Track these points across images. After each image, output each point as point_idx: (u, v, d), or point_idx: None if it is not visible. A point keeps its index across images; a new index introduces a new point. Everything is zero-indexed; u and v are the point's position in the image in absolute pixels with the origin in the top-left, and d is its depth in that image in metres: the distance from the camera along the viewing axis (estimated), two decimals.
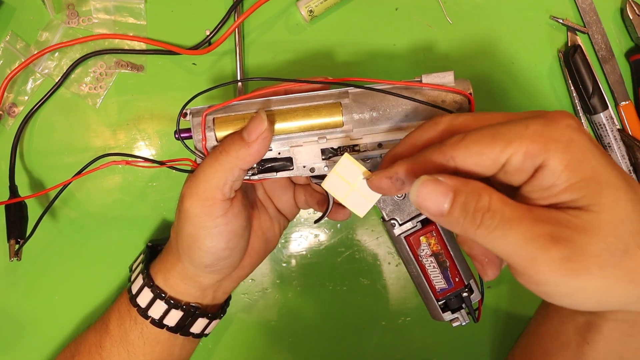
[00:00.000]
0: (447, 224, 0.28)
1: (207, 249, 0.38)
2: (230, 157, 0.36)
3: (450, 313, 0.41)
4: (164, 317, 0.42)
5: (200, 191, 0.36)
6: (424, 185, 0.27)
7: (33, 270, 0.51)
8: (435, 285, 0.40)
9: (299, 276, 0.54)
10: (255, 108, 0.38)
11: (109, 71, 0.50)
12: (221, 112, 0.38)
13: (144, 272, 0.43)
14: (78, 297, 0.52)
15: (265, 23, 0.51)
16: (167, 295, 0.42)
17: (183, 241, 0.39)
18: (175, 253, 0.41)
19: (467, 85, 0.38)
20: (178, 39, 0.50)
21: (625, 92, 0.52)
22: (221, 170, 0.36)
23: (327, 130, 0.38)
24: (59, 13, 0.49)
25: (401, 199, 0.40)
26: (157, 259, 0.44)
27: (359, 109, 0.38)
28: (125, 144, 0.51)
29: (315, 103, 0.38)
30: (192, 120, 0.38)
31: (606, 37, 0.52)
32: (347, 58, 0.52)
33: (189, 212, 0.37)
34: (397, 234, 0.40)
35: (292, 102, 0.38)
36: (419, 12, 0.52)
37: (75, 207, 0.51)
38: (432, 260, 0.40)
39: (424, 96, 0.38)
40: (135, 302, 0.42)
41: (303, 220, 0.53)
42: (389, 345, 0.55)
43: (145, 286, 0.42)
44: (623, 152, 0.52)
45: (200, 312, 0.43)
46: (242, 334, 0.53)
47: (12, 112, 0.50)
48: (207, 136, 0.38)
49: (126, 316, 0.43)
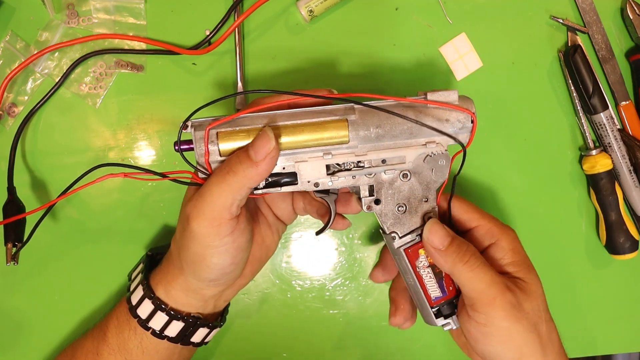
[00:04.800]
0: (441, 256, 0.38)
1: (214, 266, 0.38)
2: (238, 177, 0.36)
3: (443, 318, 0.42)
4: (165, 328, 0.42)
5: (208, 211, 0.36)
6: (435, 224, 0.39)
7: (33, 271, 0.51)
8: (430, 294, 0.41)
9: (299, 276, 0.54)
10: (260, 122, 0.38)
11: (108, 71, 0.50)
12: (225, 126, 0.38)
13: (144, 283, 0.42)
14: (78, 298, 0.52)
15: (265, 23, 0.51)
16: (169, 307, 0.41)
17: (188, 258, 0.39)
18: (177, 266, 0.41)
19: (470, 105, 0.39)
20: (178, 38, 0.50)
21: (626, 92, 0.52)
22: (229, 190, 0.36)
23: (332, 146, 0.38)
24: (58, 13, 0.49)
25: (402, 213, 0.40)
26: (157, 269, 0.44)
27: (365, 125, 0.38)
28: (125, 144, 0.51)
29: (321, 119, 0.38)
30: (195, 134, 0.37)
31: (606, 37, 0.52)
32: (347, 58, 0.52)
33: (196, 232, 0.36)
34: (396, 246, 0.41)
35: (298, 117, 0.38)
36: (419, 12, 0.52)
37: (76, 208, 0.51)
38: (429, 270, 0.41)
39: (428, 114, 0.39)
40: (135, 313, 0.42)
41: (303, 221, 0.53)
42: (389, 345, 0.55)
43: (146, 297, 0.42)
44: (623, 152, 0.52)
45: (202, 322, 0.43)
46: (242, 335, 0.53)
47: (12, 112, 0.50)
48: (210, 150, 0.37)
49: (125, 325, 0.43)
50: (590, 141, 0.53)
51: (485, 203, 0.54)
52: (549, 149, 0.54)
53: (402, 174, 0.40)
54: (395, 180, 0.40)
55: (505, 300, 0.37)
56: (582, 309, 0.56)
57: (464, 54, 0.52)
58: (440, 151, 0.40)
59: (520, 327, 0.37)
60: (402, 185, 0.40)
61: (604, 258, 0.55)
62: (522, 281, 0.39)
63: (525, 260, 0.40)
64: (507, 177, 0.54)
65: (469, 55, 0.52)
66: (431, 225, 0.39)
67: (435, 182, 0.40)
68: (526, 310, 0.38)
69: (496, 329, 0.37)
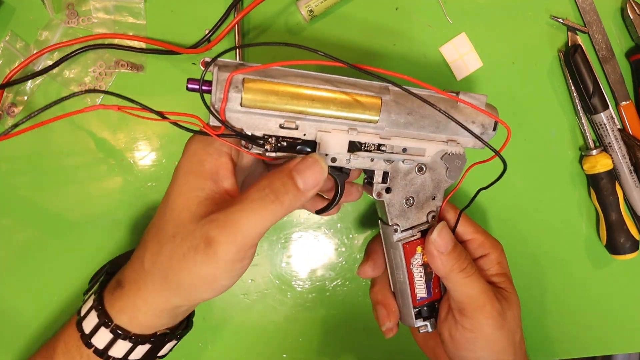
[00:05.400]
0: (443, 261, 0.39)
1: (220, 288, 0.35)
2: (283, 207, 0.32)
3: (422, 320, 0.42)
4: (129, 354, 0.37)
5: (240, 239, 0.32)
6: (445, 228, 0.40)
7: (33, 272, 0.51)
8: (417, 294, 0.41)
9: (299, 276, 0.53)
10: (293, 80, 0.34)
11: (108, 71, 0.50)
12: (254, 74, 0.34)
13: (98, 309, 0.36)
14: (78, 299, 0.51)
15: (265, 23, 0.51)
16: (132, 334, 0.36)
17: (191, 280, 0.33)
18: (152, 290, 0.35)
19: (496, 112, 0.40)
20: (178, 38, 0.50)
21: (626, 91, 0.52)
22: (269, 219, 0.32)
23: (360, 122, 0.37)
24: (58, 13, 0.49)
25: (408, 206, 0.40)
26: (117, 292, 0.37)
27: (398, 109, 0.37)
28: (125, 144, 0.51)
29: (357, 91, 0.36)
30: (217, 75, 0.33)
31: (606, 36, 0.52)
32: (347, 58, 0.51)
33: (220, 257, 0.32)
34: (395, 239, 0.40)
35: (333, 83, 0.36)
36: (419, 12, 0.52)
37: (75, 207, 0.51)
38: (421, 269, 0.41)
39: (458, 111, 0.39)
40: (88, 342, 0.36)
41: (303, 221, 0.53)
42: (389, 345, 0.55)
43: (102, 326, 0.36)
44: (623, 152, 0.52)
45: (169, 338, 0.39)
46: (242, 335, 0.53)
47: (12, 112, 0.50)
48: (231, 97, 0.33)
49: (75, 353, 0.37)
50: (590, 141, 0.53)
51: (485, 203, 0.54)
52: (549, 149, 0.54)
53: (418, 167, 0.39)
54: (411, 172, 0.39)
55: (493, 308, 0.39)
56: (582, 309, 0.56)
57: (464, 54, 0.52)
58: (458, 151, 0.40)
59: (502, 335, 0.40)
60: (416, 178, 0.40)
61: (604, 258, 0.55)
62: (505, 291, 0.42)
63: (508, 273, 0.44)
64: (507, 177, 0.54)
65: (469, 55, 0.52)
66: (442, 228, 0.40)
67: (446, 182, 0.40)
68: (508, 319, 0.40)
69: (481, 335, 0.39)
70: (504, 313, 0.40)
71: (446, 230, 0.40)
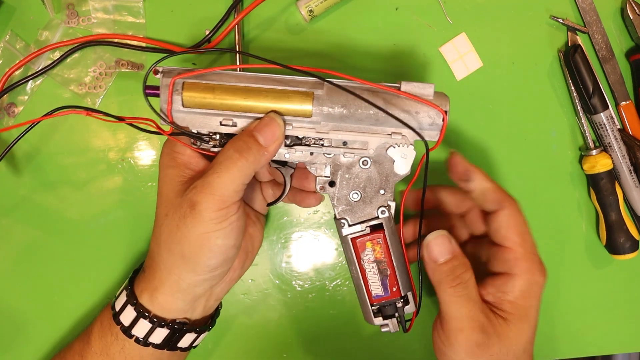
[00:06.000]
0: (433, 270, 0.38)
1: (218, 249, 0.38)
2: (249, 162, 0.37)
3: (382, 319, 0.41)
4: (149, 335, 0.41)
5: (218, 196, 0.36)
6: (441, 236, 0.38)
7: (33, 272, 0.51)
8: (372, 291, 0.40)
9: (299, 276, 0.53)
10: (228, 80, 0.37)
11: (108, 70, 0.50)
12: (193, 78, 0.37)
13: (128, 289, 0.42)
14: (78, 299, 0.51)
15: (265, 23, 0.51)
16: (152, 314, 0.40)
17: (187, 248, 0.38)
18: (165, 267, 0.40)
19: (444, 102, 0.38)
20: (177, 38, 0.50)
21: (626, 91, 0.52)
22: (239, 175, 0.37)
23: (294, 117, 0.38)
24: (58, 13, 0.49)
25: (355, 200, 0.40)
26: (140, 276, 0.42)
27: (330, 102, 0.37)
28: (125, 144, 0.51)
29: (288, 88, 0.37)
30: (162, 80, 0.37)
31: (606, 36, 0.52)
32: (346, 58, 0.52)
33: (204, 215, 0.37)
34: (344, 234, 0.40)
35: (265, 82, 0.38)
36: (419, 12, 0.52)
37: (76, 207, 0.51)
38: (373, 266, 0.40)
39: (397, 104, 0.38)
40: (118, 319, 0.41)
41: (303, 221, 0.53)
42: (389, 345, 0.55)
43: (129, 304, 0.41)
44: (623, 152, 0.52)
45: (188, 328, 0.42)
46: (242, 335, 0.53)
47: (12, 112, 0.50)
48: (175, 99, 0.37)
49: (107, 331, 0.42)
50: (590, 141, 0.53)
51: None
52: (549, 149, 0.54)
53: (362, 161, 0.39)
54: (354, 166, 0.39)
55: (470, 338, 0.37)
56: (582, 308, 0.56)
57: (464, 54, 0.52)
58: (404, 144, 0.39)
59: None
60: (361, 172, 0.39)
61: (604, 258, 0.55)
62: (506, 325, 0.38)
63: (526, 307, 0.38)
64: (507, 177, 0.54)
65: (469, 55, 0.52)
66: (438, 235, 0.38)
67: (395, 176, 0.39)
68: (491, 352, 0.37)
69: (454, 355, 0.38)
70: (486, 346, 0.37)
71: (443, 238, 0.38)
